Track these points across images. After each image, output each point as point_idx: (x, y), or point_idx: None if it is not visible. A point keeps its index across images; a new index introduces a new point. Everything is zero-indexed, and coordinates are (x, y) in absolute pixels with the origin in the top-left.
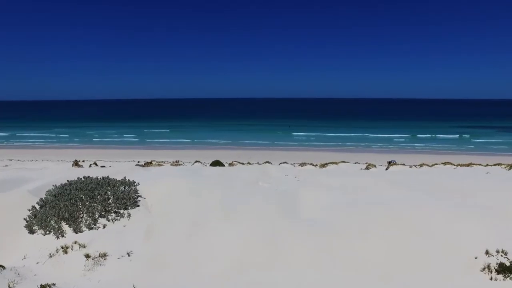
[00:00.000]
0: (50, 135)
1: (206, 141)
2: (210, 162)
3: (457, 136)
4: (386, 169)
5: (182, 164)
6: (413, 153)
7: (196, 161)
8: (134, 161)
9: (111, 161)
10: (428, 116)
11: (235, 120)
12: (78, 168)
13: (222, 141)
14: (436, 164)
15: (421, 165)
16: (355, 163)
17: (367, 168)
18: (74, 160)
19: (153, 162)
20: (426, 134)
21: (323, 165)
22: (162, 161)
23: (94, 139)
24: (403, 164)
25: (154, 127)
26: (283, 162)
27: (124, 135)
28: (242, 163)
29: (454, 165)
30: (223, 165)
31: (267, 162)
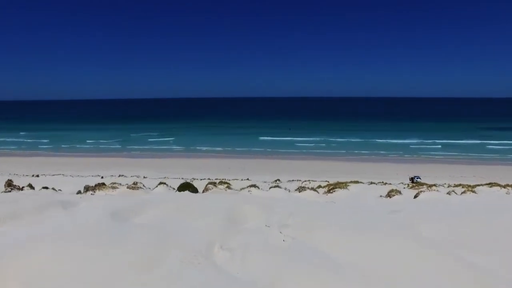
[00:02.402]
0: (25, 140)
1: (196, 148)
2: (180, 183)
3: (482, 141)
4: (415, 196)
5: (141, 188)
6: (435, 164)
7: (161, 183)
8: (98, 175)
9: (72, 176)
10: (442, 117)
11: (231, 122)
12: (4, 194)
13: (214, 148)
14: (477, 185)
15: (462, 190)
16: (370, 183)
17: (388, 195)
18: (7, 180)
19: (107, 184)
20: (445, 139)
21: (329, 190)
22: (117, 183)
23: (70, 145)
24: (435, 186)
25: (143, 130)
26: (275, 185)
27: (107, 140)
28: (224, 182)
29: (502, 186)
30: (195, 190)
31: (253, 186)
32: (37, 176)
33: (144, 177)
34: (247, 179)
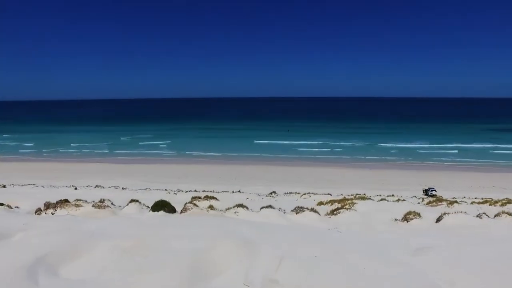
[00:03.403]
0: (7, 143)
1: (187, 152)
2: (156, 201)
3: (494, 145)
4: (437, 220)
5: (108, 207)
6: (447, 171)
7: (133, 201)
8: (73, 186)
9: (44, 186)
10: (449, 118)
11: (227, 123)
12: None
13: (206, 154)
14: (508, 202)
15: (493, 210)
16: (380, 199)
17: (405, 219)
18: None
19: (71, 201)
20: (455, 143)
21: (332, 212)
22: (83, 200)
23: (53, 149)
24: (457, 203)
25: (135, 132)
26: (268, 205)
27: (94, 144)
28: (211, 197)
29: None
30: (171, 209)
31: (241, 206)
32: (4, 186)
33: (123, 188)
34: (239, 191)
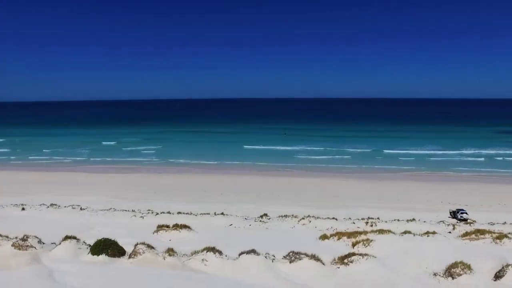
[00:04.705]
0: None
1: (173, 160)
2: (97, 240)
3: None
4: (497, 276)
5: (32, 247)
6: (469, 183)
7: (68, 238)
8: (21, 205)
9: None
10: (453, 119)
11: (221, 126)
12: None
13: (192, 162)
14: None
15: None
16: (403, 231)
17: (450, 274)
18: None
19: None
20: (469, 148)
21: (343, 258)
22: (3, 236)
23: (23, 156)
24: (507, 237)
25: (120, 135)
26: (251, 250)
27: (70, 150)
28: (183, 226)
29: None
30: (117, 251)
31: (212, 250)
32: None
33: (81, 208)
34: (222, 213)
